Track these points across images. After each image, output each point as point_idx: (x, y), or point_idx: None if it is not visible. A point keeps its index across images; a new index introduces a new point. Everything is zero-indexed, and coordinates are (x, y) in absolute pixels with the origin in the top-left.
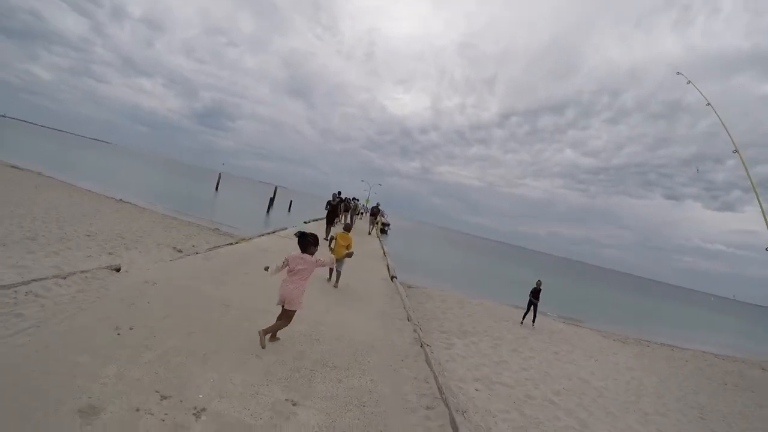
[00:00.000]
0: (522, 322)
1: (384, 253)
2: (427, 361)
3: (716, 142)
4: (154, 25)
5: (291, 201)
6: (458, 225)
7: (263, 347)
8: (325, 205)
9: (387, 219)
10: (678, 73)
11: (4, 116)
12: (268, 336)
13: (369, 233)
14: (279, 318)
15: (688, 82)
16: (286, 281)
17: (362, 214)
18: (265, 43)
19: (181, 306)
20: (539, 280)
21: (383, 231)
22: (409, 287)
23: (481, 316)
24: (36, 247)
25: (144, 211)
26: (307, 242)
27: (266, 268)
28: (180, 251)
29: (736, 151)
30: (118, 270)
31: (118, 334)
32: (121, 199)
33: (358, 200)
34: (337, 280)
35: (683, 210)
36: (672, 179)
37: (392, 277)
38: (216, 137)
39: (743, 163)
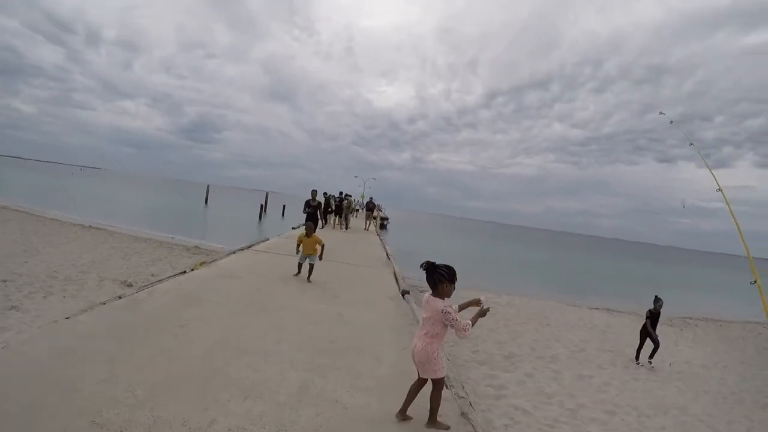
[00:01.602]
0: (638, 360)
1: (388, 255)
2: None
3: (702, 101)
4: (130, 47)
5: (284, 206)
6: (455, 211)
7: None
8: (303, 207)
9: (384, 213)
10: (661, 113)
11: None
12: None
13: (366, 229)
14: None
15: (671, 122)
16: (416, 334)
17: (357, 211)
18: (244, 52)
19: None
20: (658, 298)
21: (383, 226)
22: (422, 291)
23: (519, 324)
24: None
25: (112, 235)
26: (438, 276)
27: None
28: (130, 285)
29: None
30: None
31: None
32: (90, 225)
33: (350, 196)
34: (309, 274)
35: (676, 171)
36: (662, 143)
37: (403, 293)
38: (204, 150)
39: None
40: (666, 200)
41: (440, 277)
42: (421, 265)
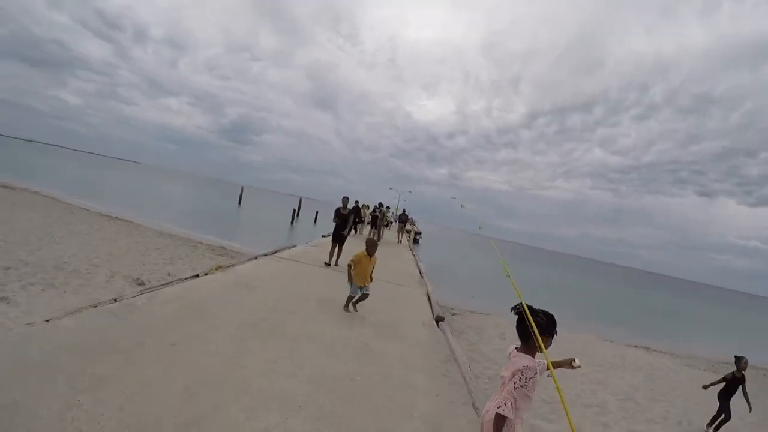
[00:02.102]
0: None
1: (421, 272)
2: None
3: (748, 135)
4: (176, 46)
5: (317, 212)
6: (488, 230)
7: None
8: (333, 216)
9: (417, 227)
10: (453, 198)
11: (30, 141)
12: None
13: (398, 242)
14: None
15: (462, 206)
16: (492, 396)
17: (391, 223)
18: (288, 57)
19: None
20: (741, 358)
21: (415, 240)
22: (453, 314)
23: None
24: None
25: (137, 228)
26: (537, 325)
27: None
28: (142, 284)
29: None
30: None
31: None
32: (116, 217)
33: (388, 207)
34: (358, 301)
35: (716, 207)
36: (704, 176)
37: (437, 320)
38: (243, 152)
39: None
40: (705, 236)
41: (538, 325)
42: (513, 308)
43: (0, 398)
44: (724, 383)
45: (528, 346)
